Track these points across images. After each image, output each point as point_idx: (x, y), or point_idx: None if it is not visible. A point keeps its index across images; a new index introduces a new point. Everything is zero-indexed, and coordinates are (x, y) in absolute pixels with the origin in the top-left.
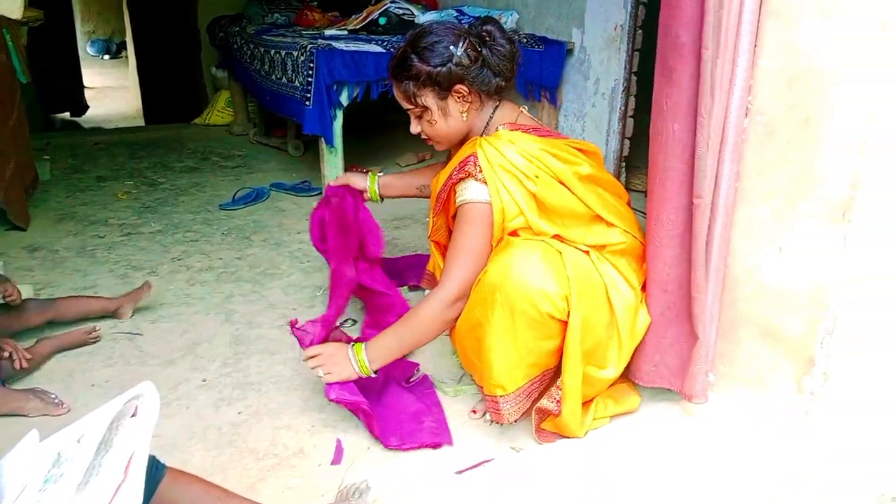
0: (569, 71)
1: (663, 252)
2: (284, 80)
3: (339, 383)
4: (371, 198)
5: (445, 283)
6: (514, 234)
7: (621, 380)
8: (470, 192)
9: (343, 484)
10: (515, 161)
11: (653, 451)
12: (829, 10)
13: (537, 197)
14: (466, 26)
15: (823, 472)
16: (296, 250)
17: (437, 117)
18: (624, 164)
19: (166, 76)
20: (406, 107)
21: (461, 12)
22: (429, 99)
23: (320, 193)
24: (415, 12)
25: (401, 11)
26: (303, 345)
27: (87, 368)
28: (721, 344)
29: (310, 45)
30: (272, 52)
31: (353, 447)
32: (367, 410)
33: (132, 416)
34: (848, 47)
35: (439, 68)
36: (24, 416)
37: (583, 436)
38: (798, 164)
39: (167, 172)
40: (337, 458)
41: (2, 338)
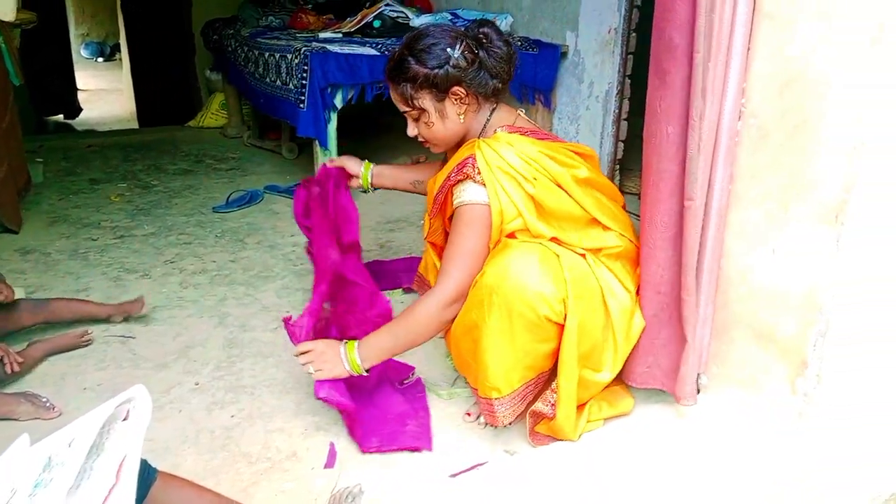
0: (563, 74)
1: (657, 254)
2: (279, 82)
3: (329, 382)
4: (362, 185)
5: (442, 283)
6: (511, 236)
7: (615, 382)
8: (468, 194)
9: (336, 487)
10: (514, 163)
11: (647, 454)
12: (821, 14)
13: (535, 199)
14: (463, 29)
15: (817, 473)
16: (290, 253)
17: (434, 119)
18: (618, 166)
19: (160, 79)
20: (403, 109)
21: (455, 15)
22: (426, 101)
23: None
24: (409, 15)
25: (395, 14)
26: (294, 340)
27: (79, 372)
28: (714, 345)
29: (304, 48)
30: (266, 54)
31: (347, 450)
32: (351, 415)
33: (124, 420)
34: (841, 52)
35: (436, 70)
36: (14, 419)
37: (577, 439)
38: (791, 167)
39: (161, 175)
40: (330, 462)
41: None
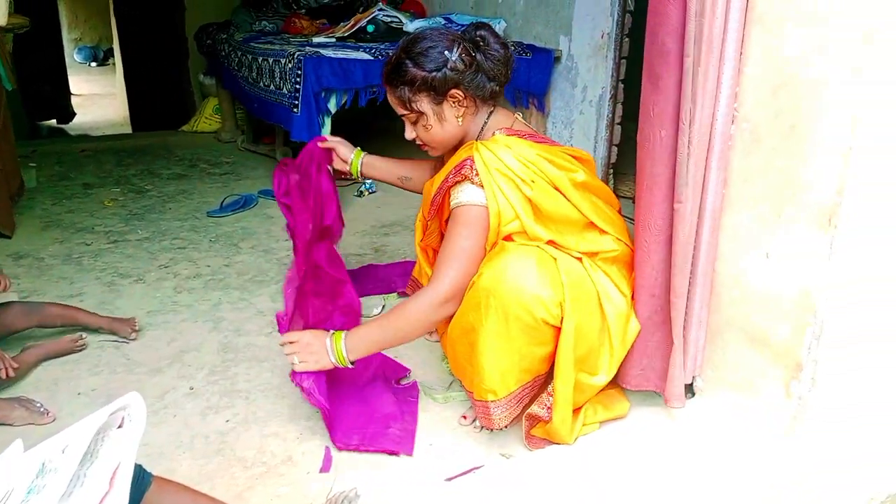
0: (556, 78)
1: (651, 257)
2: (272, 87)
3: (314, 376)
4: (351, 172)
5: (436, 283)
6: (508, 238)
7: (610, 386)
8: (465, 195)
9: (332, 492)
10: (512, 165)
11: (642, 457)
12: (813, 18)
13: (533, 201)
14: (460, 32)
15: (812, 476)
16: (284, 257)
17: (432, 122)
18: (612, 170)
19: (154, 83)
20: (401, 112)
21: (449, 20)
22: (424, 104)
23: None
24: (403, 20)
25: (389, 19)
26: (281, 330)
27: (73, 377)
28: (709, 349)
29: (297, 53)
30: (260, 59)
31: (342, 455)
32: (327, 416)
33: (119, 428)
34: (833, 54)
35: (434, 73)
36: (8, 425)
37: (572, 442)
38: (784, 171)
39: (154, 179)
40: (326, 466)
41: None
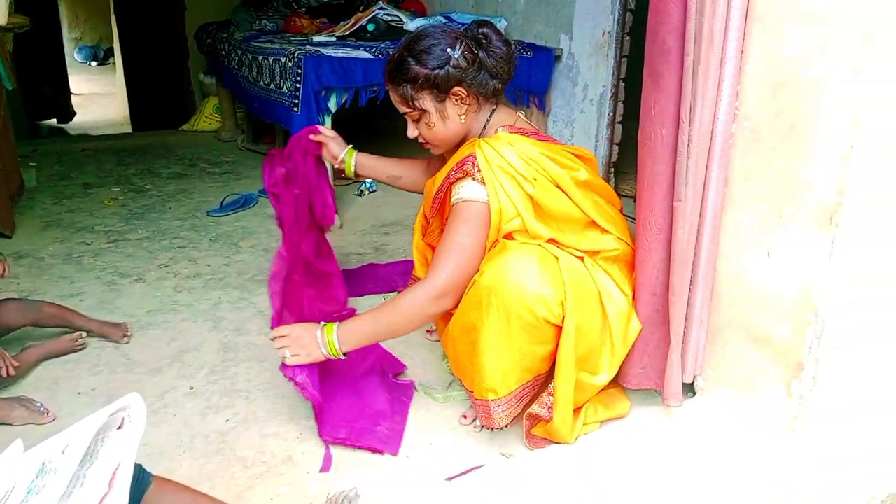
0: (557, 77)
1: (652, 256)
2: (272, 86)
3: (307, 370)
4: (345, 171)
5: (433, 276)
6: (508, 236)
7: (611, 385)
8: (466, 191)
9: (332, 491)
10: (514, 163)
11: (643, 457)
12: (813, 17)
13: (534, 199)
14: (462, 29)
15: (813, 476)
16: None
17: (435, 120)
18: (612, 169)
19: (154, 83)
20: (403, 110)
21: (449, 19)
22: (427, 102)
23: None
24: (403, 19)
25: (389, 18)
26: (272, 325)
27: (74, 376)
28: (710, 348)
29: (297, 52)
30: (260, 58)
31: (342, 454)
32: (318, 409)
33: (119, 428)
34: (833, 55)
35: (437, 71)
36: (8, 424)
37: (573, 441)
38: (785, 170)
39: (155, 179)
40: (326, 466)
41: None
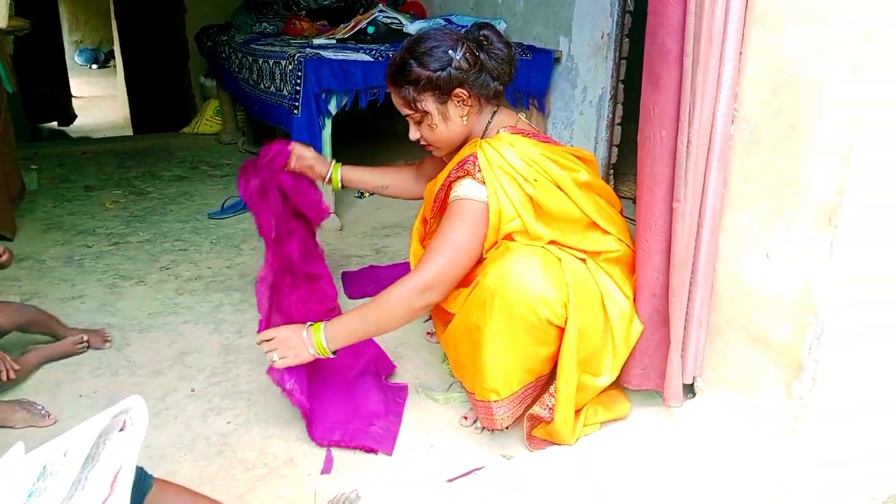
0: (556, 79)
1: (652, 257)
2: (273, 88)
3: (295, 376)
4: (332, 186)
5: (421, 269)
6: (509, 237)
7: (611, 386)
8: (464, 189)
9: (333, 493)
10: (515, 164)
11: (643, 458)
12: (813, 16)
13: (534, 200)
14: (463, 32)
15: (813, 476)
16: None
17: (437, 122)
18: (612, 171)
19: (155, 85)
20: (406, 113)
21: (449, 21)
22: (429, 104)
23: None
24: (403, 21)
25: (389, 21)
26: (259, 330)
27: (75, 379)
28: (709, 348)
29: (298, 54)
30: (260, 61)
31: (343, 456)
32: (307, 416)
33: (120, 431)
34: (833, 54)
35: (439, 72)
36: (10, 427)
37: (573, 443)
38: (784, 171)
39: (156, 181)
40: (327, 468)
41: None
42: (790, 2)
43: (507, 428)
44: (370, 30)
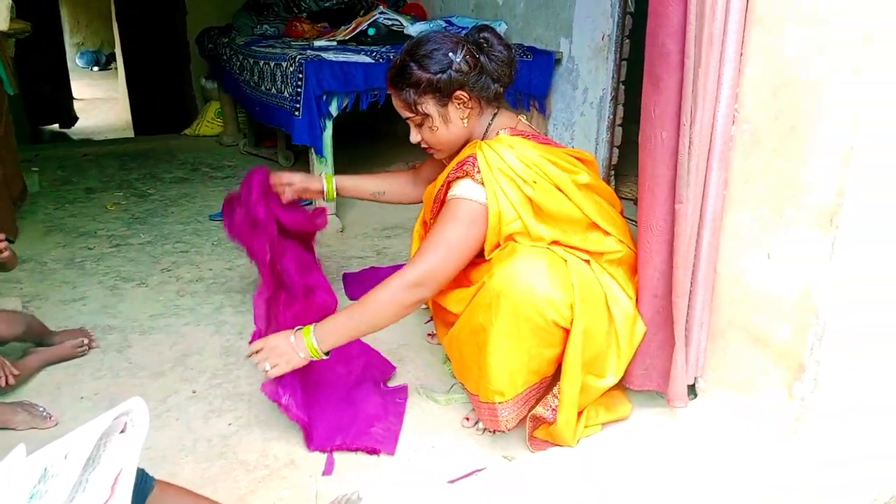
0: (557, 80)
1: (653, 258)
2: (274, 90)
3: (290, 390)
4: (327, 197)
5: (413, 265)
6: (510, 238)
7: (613, 388)
8: (462, 189)
9: (335, 495)
10: (514, 165)
11: (644, 459)
12: (813, 18)
13: (534, 201)
14: (463, 34)
15: (814, 477)
16: None
17: (438, 124)
18: (613, 172)
19: (156, 87)
20: (406, 115)
21: (450, 23)
22: (429, 106)
23: (310, 203)
24: (404, 23)
25: (390, 22)
26: (251, 341)
27: (76, 381)
28: (710, 349)
29: (299, 56)
30: (261, 62)
31: (345, 457)
32: (305, 427)
33: (121, 433)
34: (832, 55)
35: (439, 75)
36: (11, 429)
37: (575, 444)
38: (784, 171)
39: (157, 183)
40: (328, 469)
41: None
42: (790, 3)
43: (511, 429)
44: (371, 31)
